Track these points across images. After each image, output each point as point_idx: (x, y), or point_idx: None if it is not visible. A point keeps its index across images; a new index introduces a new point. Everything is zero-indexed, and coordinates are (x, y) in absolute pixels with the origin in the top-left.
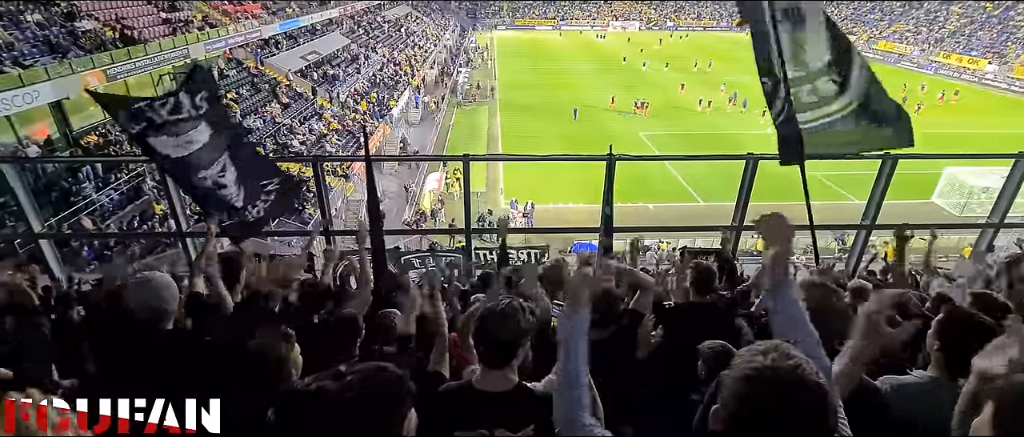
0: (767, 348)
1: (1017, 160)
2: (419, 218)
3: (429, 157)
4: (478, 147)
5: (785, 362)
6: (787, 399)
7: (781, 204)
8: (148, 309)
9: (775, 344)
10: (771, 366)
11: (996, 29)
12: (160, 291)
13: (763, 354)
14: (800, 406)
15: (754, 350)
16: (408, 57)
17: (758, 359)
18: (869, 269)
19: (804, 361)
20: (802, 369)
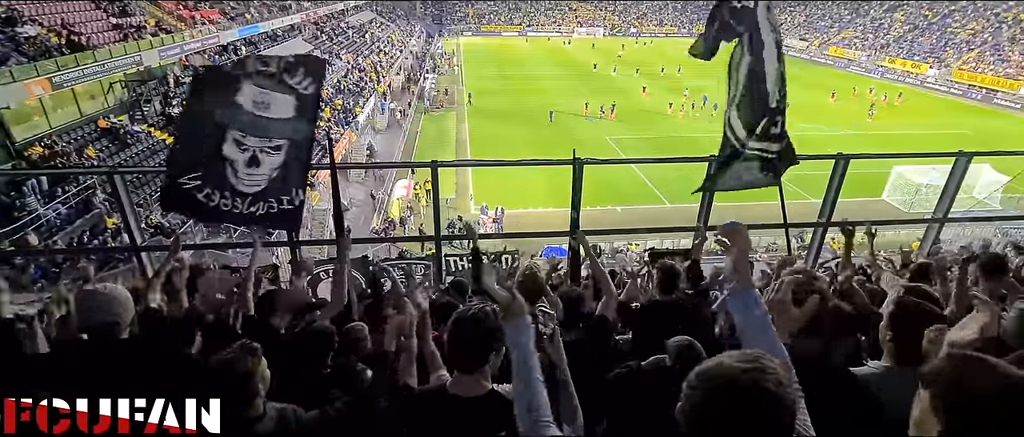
0: (735, 353)
1: (957, 158)
2: (388, 226)
3: (397, 164)
4: (446, 153)
5: (745, 364)
6: (749, 405)
7: (743, 205)
8: (99, 321)
9: (743, 351)
10: (736, 367)
11: (936, 35)
12: (111, 303)
13: (728, 357)
14: (762, 411)
15: (720, 356)
16: (373, 63)
17: (724, 361)
18: (824, 265)
19: (764, 365)
20: (765, 373)
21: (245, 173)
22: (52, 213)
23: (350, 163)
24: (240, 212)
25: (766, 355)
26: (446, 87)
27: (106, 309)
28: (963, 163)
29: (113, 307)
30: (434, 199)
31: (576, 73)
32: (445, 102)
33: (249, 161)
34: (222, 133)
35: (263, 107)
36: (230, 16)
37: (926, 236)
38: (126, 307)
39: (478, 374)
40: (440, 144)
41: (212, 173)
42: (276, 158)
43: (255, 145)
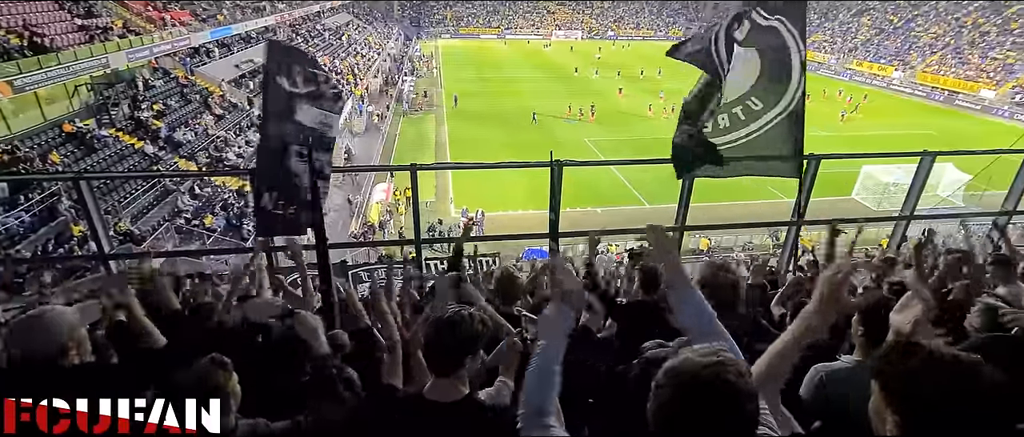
0: (706, 352)
1: (922, 158)
2: (367, 230)
3: (376, 167)
4: (426, 156)
5: (705, 360)
6: (708, 400)
7: (718, 204)
8: (36, 353)
9: (707, 346)
10: (695, 368)
11: (901, 38)
12: (47, 330)
13: (693, 353)
14: (721, 406)
15: (684, 352)
16: (350, 66)
17: (686, 362)
18: (799, 265)
19: (724, 358)
20: (726, 366)
21: (319, 184)
22: (14, 221)
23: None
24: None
25: (725, 348)
26: (425, 89)
27: (46, 336)
28: (928, 163)
29: (54, 333)
30: (414, 202)
31: (556, 75)
32: (424, 105)
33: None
34: (285, 150)
35: (326, 127)
36: (201, 17)
37: (894, 233)
38: (70, 332)
39: (454, 378)
40: (419, 147)
41: (287, 188)
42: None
43: (325, 159)
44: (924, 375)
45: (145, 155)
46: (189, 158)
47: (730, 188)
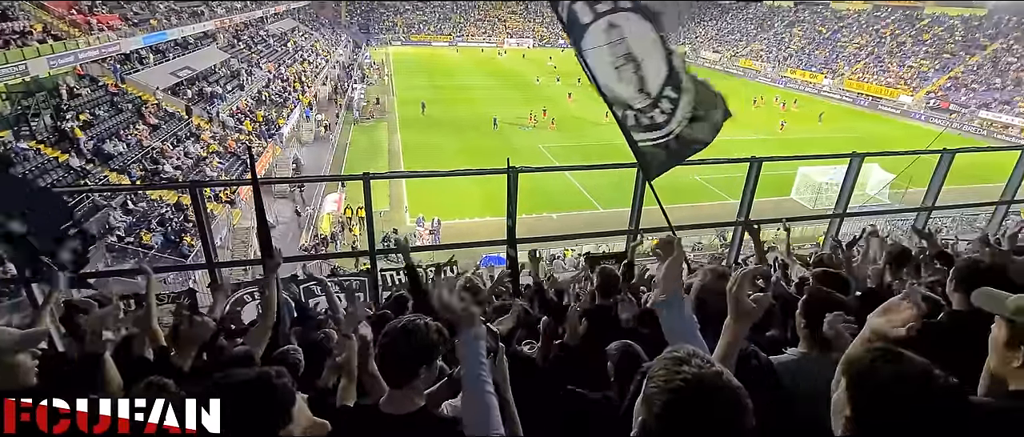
0: (686, 355)
1: (851, 159)
2: (318, 243)
3: (327, 177)
4: (379, 165)
5: (711, 369)
6: (714, 404)
7: (669, 206)
8: None
9: (691, 350)
10: (699, 375)
11: (829, 48)
12: None
13: (684, 362)
14: (728, 408)
15: (672, 357)
16: (297, 73)
17: (683, 369)
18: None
19: (723, 369)
20: (726, 374)
21: None
22: None
23: (275, 178)
24: None
25: (696, 351)
26: (377, 96)
27: None
28: (857, 163)
29: None
30: (367, 213)
31: (510, 83)
32: (375, 112)
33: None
34: None
35: None
36: (133, 22)
37: (829, 229)
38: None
39: (409, 389)
40: (372, 156)
41: None
42: None
43: None
44: (895, 385)
45: (70, 169)
46: (121, 171)
47: (678, 190)
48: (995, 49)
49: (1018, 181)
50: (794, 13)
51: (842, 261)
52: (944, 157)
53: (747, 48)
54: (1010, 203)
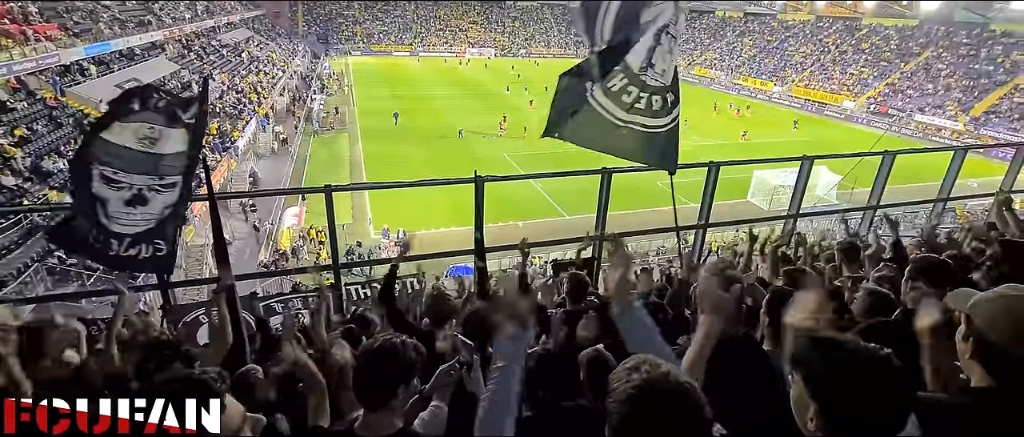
0: (636, 363)
1: (802, 162)
2: (278, 258)
3: (286, 191)
4: (341, 176)
5: (657, 372)
6: (670, 406)
7: (631, 212)
8: None
9: (642, 357)
10: (648, 379)
11: (777, 57)
12: None
13: (635, 370)
14: (684, 408)
15: (626, 368)
16: (253, 84)
17: (634, 377)
18: None
19: (671, 366)
20: (673, 375)
21: (123, 212)
22: None
23: (231, 192)
24: (116, 254)
25: (649, 356)
26: (337, 107)
27: None
28: (807, 166)
29: None
30: (330, 226)
31: (473, 93)
32: (336, 123)
33: (132, 200)
34: (89, 170)
35: (150, 143)
36: (73, 32)
37: (784, 230)
38: None
39: (386, 411)
40: (333, 167)
41: (85, 212)
42: (169, 195)
43: (141, 183)
44: (842, 367)
45: (3, 188)
46: (62, 189)
47: (641, 195)
48: (927, 57)
49: (952, 180)
50: (744, 24)
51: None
52: (885, 159)
53: (702, 57)
54: (945, 201)
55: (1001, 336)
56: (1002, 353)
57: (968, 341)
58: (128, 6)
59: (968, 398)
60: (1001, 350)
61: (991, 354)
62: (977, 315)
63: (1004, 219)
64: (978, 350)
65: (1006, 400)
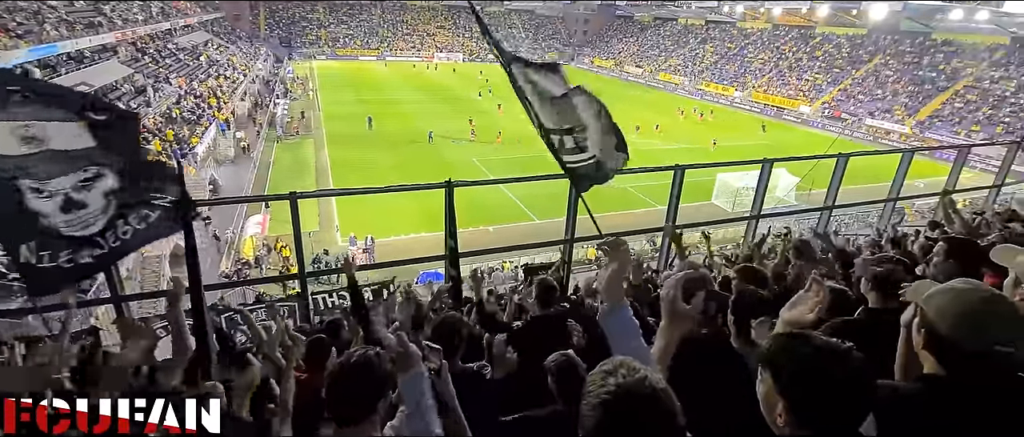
0: (613, 367)
1: (763, 165)
2: (242, 268)
3: (249, 198)
4: (306, 183)
5: (635, 376)
6: (645, 411)
7: (600, 215)
8: None
9: (619, 361)
10: (623, 385)
11: (737, 63)
12: None
13: (611, 374)
14: (658, 413)
15: (601, 372)
16: (212, 88)
17: (609, 381)
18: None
19: (648, 370)
20: (649, 380)
21: (66, 220)
22: None
23: (194, 200)
24: (105, 249)
25: (626, 359)
26: (302, 111)
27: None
28: (767, 169)
29: None
30: (295, 234)
31: (441, 97)
32: (300, 128)
33: (65, 206)
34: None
35: (39, 143)
36: (16, 33)
37: (747, 230)
38: None
39: (366, 424)
40: (298, 174)
41: (34, 236)
42: (108, 180)
43: (63, 186)
44: (809, 364)
45: None
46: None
47: (610, 199)
48: (876, 64)
49: (901, 180)
50: (705, 31)
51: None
52: (840, 161)
53: (666, 63)
54: (896, 200)
55: (949, 327)
56: (952, 343)
57: (921, 332)
58: (77, 7)
59: (920, 386)
60: (951, 341)
61: (942, 344)
62: (929, 307)
63: (949, 217)
64: (929, 340)
65: (954, 388)
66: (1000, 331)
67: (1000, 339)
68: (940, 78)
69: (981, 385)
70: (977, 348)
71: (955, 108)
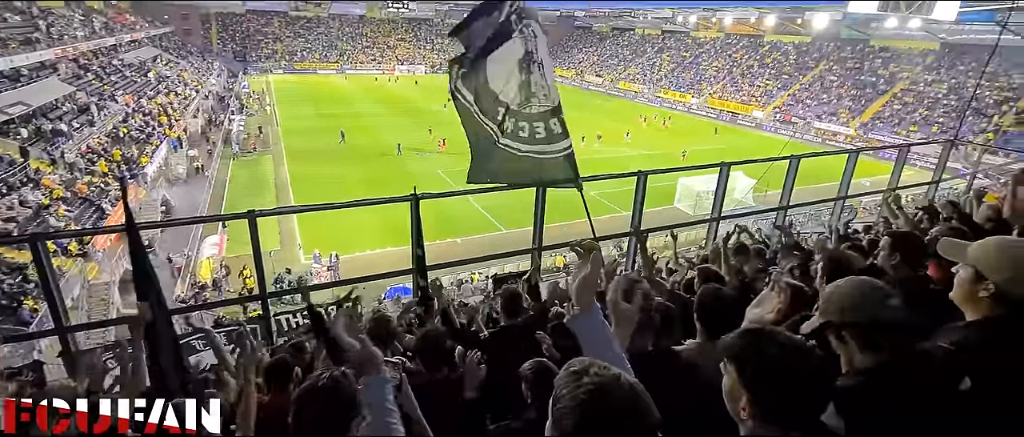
0: (583, 367)
1: (721, 168)
2: (199, 291)
3: (205, 218)
4: (265, 201)
5: (608, 375)
6: (623, 410)
7: (566, 223)
8: None
9: (588, 362)
10: (599, 384)
11: (693, 71)
12: None
13: (584, 374)
14: (636, 411)
15: (571, 373)
16: (162, 105)
17: (584, 381)
18: None
19: (620, 371)
20: (623, 378)
21: None
22: None
23: (143, 223)
24: None
25: (594, 360)
26: (260, 126)
27: None
28: (725, 172)
29: None
30: (255, 254)
31: (403, 110)
32: (258, 145)
33: None
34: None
35: None
36: None
37: (709, 232)
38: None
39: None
40: (256, 191)
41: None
42: None
43: None
44: (774, 359)
45: None
46: None
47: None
48: (821, 70)
49: (849, 179)
50: (662, 41)
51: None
52: (792, 162)
53: (625, 72)
54: (845, 198)
55: (858, 318)
56: (860, 331)
57: (982, 282)
58: (11, 22)
59: (854, 379)
60: (862, 329)
61: (866, 336)
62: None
63: (894, 213)
64: (857, 334)
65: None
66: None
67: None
68: (879, 82)
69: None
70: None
71: (894, 110)
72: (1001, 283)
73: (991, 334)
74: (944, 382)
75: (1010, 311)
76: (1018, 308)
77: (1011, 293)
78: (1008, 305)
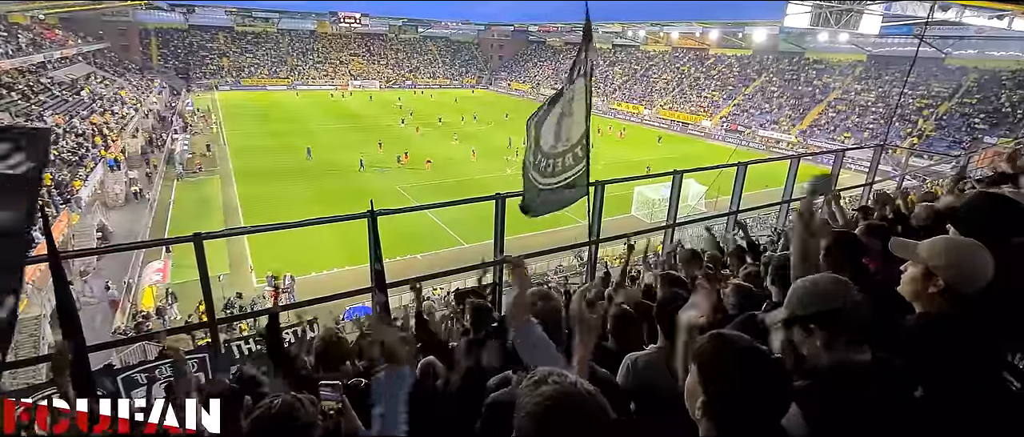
0: (542, 376)
1: (674, 176)
2: (141, 321)
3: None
4: (213, 222)
5: (566, 382)
6: (584, 414)
7: (527, 235)
8: None
9: (546, 370)
10: (557, 391)
11: (644, 83)
12: None
13: (543, 382)
14: (592, 415)
15: (531, 383)
16: (97, 125)
17: (543, 389)
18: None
19: (577, 378)
20: (579, 383)
21: None
22: None
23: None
24: None
25: (552, 368)
26: (208, 144)
27: None
28: (678, 180)
29: None
30: (202, 279)
31: (358, 125)
32: (203, 164)
33: None
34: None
35: None
36: None
37: (665, 239)
38: None
39: None
40: (203, 213)
41: None
42: None
43: None
44: (733, 365)
45: None
46: None
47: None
48: (762, 81)
49: (792, 184)
50: (613, 54)
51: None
52: (739, 169)
53: None
54: (789, 202)
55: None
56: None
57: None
58: None
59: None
60: (826, 320)
61: (830, 328)
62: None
63: (833, 214)
64: (822, 326)
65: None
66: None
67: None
68: (815, 92)
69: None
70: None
71: (830, 117)
72: (950, 280)
73: (939, 331)
74: (899, 388)
75: (958, 305)
76: (965, 303)
77: (959, 289)
78: (956, 300)
